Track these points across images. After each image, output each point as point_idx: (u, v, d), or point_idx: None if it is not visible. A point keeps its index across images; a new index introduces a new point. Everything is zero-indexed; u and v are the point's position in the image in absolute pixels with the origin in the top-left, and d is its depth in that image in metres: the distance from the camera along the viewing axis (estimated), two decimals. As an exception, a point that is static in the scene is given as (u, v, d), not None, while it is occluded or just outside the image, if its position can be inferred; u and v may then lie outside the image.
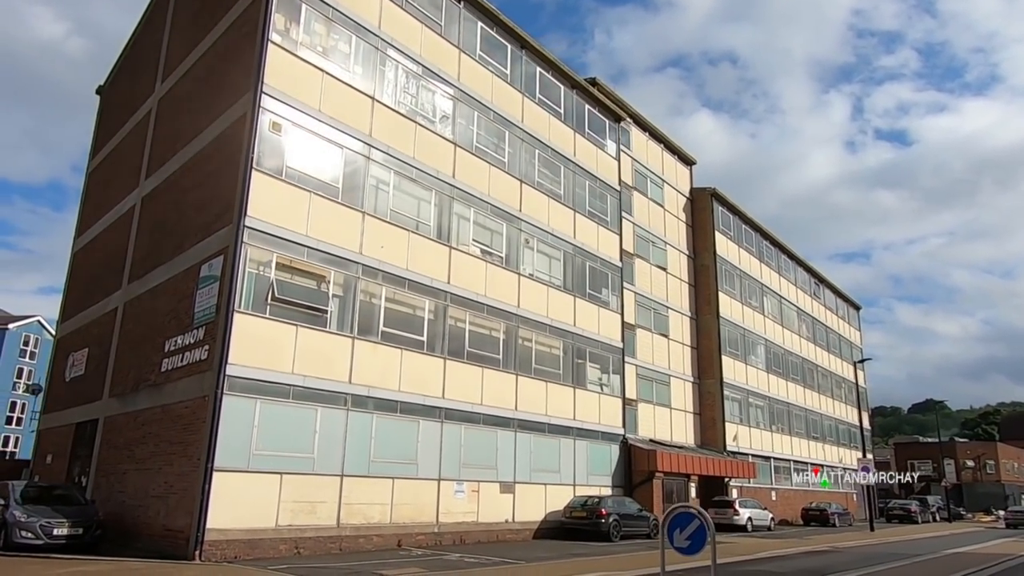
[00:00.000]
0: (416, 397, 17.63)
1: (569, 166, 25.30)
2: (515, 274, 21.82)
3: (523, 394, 21.07)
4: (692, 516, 6.73)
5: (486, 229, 21.50)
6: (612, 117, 28.47)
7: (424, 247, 18.88)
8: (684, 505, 7.03)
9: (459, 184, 20.29)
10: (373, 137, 17.88)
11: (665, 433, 29.78)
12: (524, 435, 20.85)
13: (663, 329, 31.30)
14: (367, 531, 15.86)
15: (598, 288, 25.70)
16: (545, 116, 24.50)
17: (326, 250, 16.21)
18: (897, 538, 26.45)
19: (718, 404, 32.50)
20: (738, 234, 37.68)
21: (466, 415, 19.02)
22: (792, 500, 36.65)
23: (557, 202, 24.32)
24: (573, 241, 24.68)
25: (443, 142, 20.11)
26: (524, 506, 20.34)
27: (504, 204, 21.86)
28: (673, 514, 6.89)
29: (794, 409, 40.15)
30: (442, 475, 18.00)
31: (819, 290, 48.44)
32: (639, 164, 32.11)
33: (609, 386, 25.31)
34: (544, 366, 22.33)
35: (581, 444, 23.13)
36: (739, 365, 34.76)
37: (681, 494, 25.85)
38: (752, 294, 37.99)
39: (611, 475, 24.22)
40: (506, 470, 19.98)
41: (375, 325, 17.14)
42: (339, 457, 15.61)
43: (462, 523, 18.28)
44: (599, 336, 24.94)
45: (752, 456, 34.17)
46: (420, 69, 19.81)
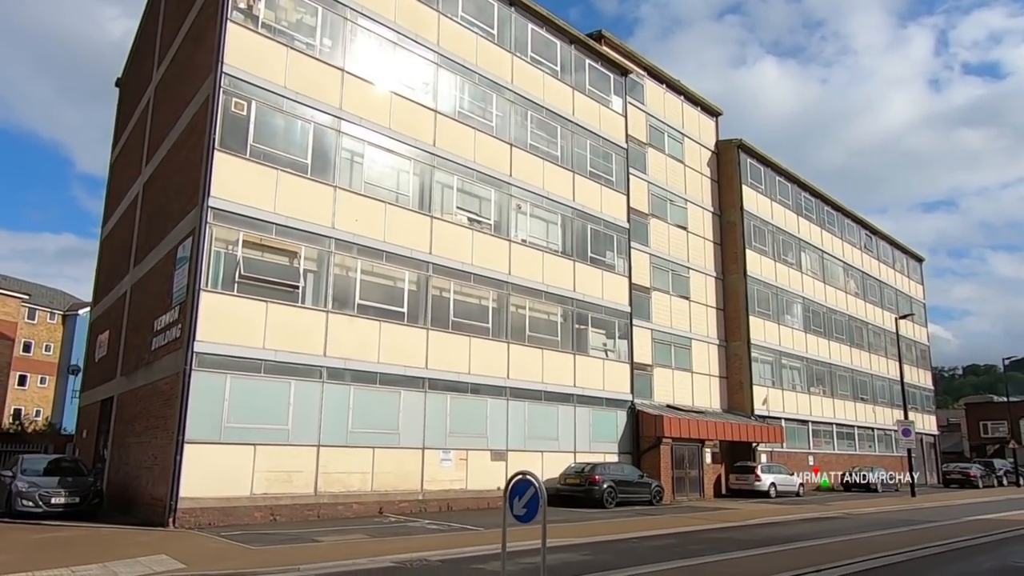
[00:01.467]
0: (397, 368, 17.81)
1: (567, 126, 24.51)
2: (506, 241, 21.50)
3: (516, 362, 20.93)
4: (528, 484, 6.49)
5: (473, 196, 21.22)
6: (618, 71, 27.27)
7: (404, 218, 18.83)
8: (524, 472, 6.78)
9: (441, 152, 20.03)
10: (344, 110, 17.82)
11: (685, 398, 29.03)
12: (517, 403, 20.78)
13: (683, 291, 30.25)
14: (347, 499, 16.32)
15: (602, 251, 25.02)
16: (539, 75, 23.72)
17: (296, 226, 16.42)
18: (931, 504, 25.00)
19: (745, 367, 31.32)
20: (770, 187, 35.69)
21: (452, 384, 19.10)
22: (834, 465, 35.18)
23: (554, 164, 23.67)
24: (572, 204, 24.03)
25: (422, 110, 19.83)
26: (519, 473, 20.34)
27: (492, 170, 21.46)
28: (513, 482, 6.67)
29: (837, 370, 38.23)
30: (426, 444, 18.23)
31: (872, 242, 45.50)
32: (655, 119, 30.72)
33: (615, 351, 24.78)
34: (540, 333, 22.06)
35: (583, 411, 22.87)
36: (771, 326, 33.28)
37: (694, 460, 25.23)
38: (787, 250, 36.07)
39: (617, 442, 23.88)
40: (497, 438, 20.03)
41: (351, 298, 17.33)
42: (315, 428, 16.03)
43: (449, 491, 18.52)
44: (603, 301, 24.36)
45: (786, 420, 32.91)
46: (395, 36, 19.49)
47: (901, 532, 15.27)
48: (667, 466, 23.56)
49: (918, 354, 48.57)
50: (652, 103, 30.76)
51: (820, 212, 39.99)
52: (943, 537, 14.14)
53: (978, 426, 56.76)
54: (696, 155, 32.98)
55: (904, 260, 49.94)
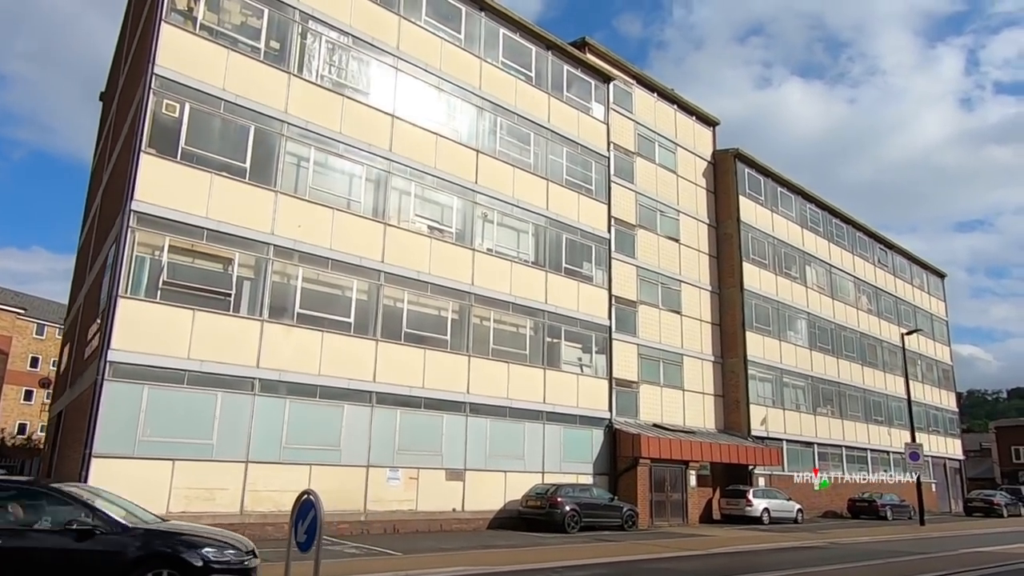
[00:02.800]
0: (340, 381, 16.93)
1: (542, 133, 23.64)
2: (469, 250, 20.59)
3: (478, 376, 19.88)
4: (311, 506, 5.49)
5: (435, 204, 20.41)
6: (600, 78, 26.39)
7: (355, 225, 18.09)
8: (309, 491, 5.77)
9: (398, 158, 19.30)
10: (289, 113, 17.24)
11: (675, 417, 27.53)
12: (478, 419, 19.68)
13: (674, 305, 28.89)
14: (277, 518, 15.34)
15: (578, 262, 23.93)
16: (510, 81, 22.96)
17: (230, 232, 15.76)
18: (937, 534, 22.97)
19: (742, 385, 29.68)
20: (771, 198, 34.21)
21: (403, 399, 18.12)
22: (842, 490, 33.09)
23: (526, 172, 22.78)
24: (546, 213, 23.05)
25: (378, 115, 19.18)
26: (477, 494, 19.22)
27: (456, 177, 20.65)
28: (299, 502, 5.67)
29: (847, 390, 36.18)
30: (372, 461, 17.23)
31: (887, 257, 43.41)
32: (645, 128, 29.68)
33: (592, 366, 23.54)
34: (506, 346, 20.99)
35: (553, 429, 21.63)
36: (771, 342, 31.60)
37: (677, 483, 23.68)
38: (790, 263, 34.44)
39: (592, 462, 22.54)
40: (454, 456, 18.93)
41: (290, 307, 16.56)
42: (243, 443, 15.19)
43: (396, 512, 17.45)
44: (579, 313, 23.21)
45: (788, 442, 31.06)
46: (350, 40, 18.95)
47: (876, 565, 13.68)
48: (645, 489, 22.09)
49: (940, 374, 45.97)
50: (641, 112, 29.76)
51: (828, 225, 38.25)
52: (917, 571, 12.56)
53: (1009, 451, 53.40)
54: (690, 165, 31.77)
55: (924, 276, 47.58)
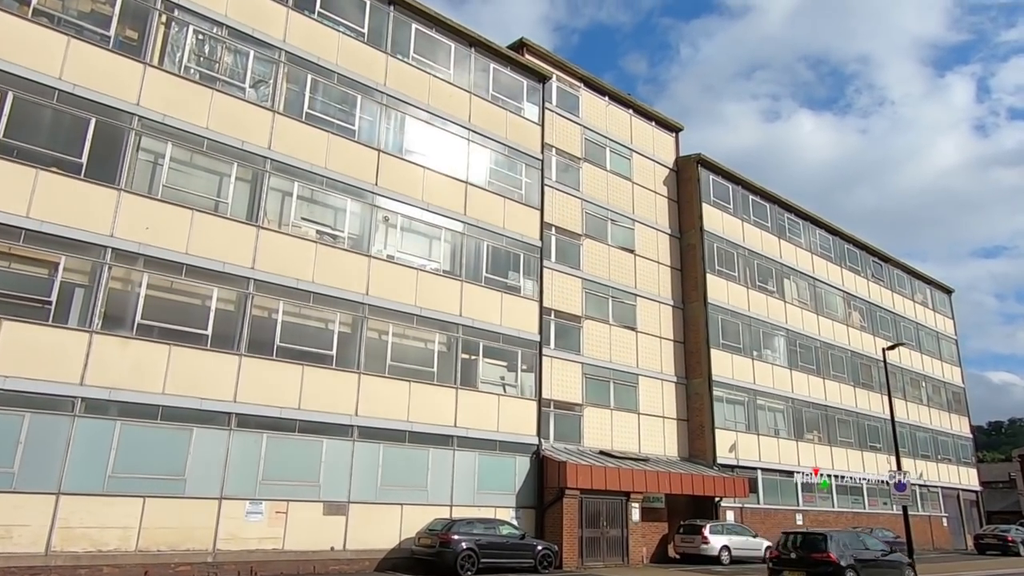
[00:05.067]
0: (188, 400, 14.97)
1: (460, 133, 21.88)
2: (365, 257, 18.70)
3: (370, 396, 17.76)
4: None
5: (325, 207, 18.65)
6: (534, 77, 24.68)
7: (220, 228, 16.35)
8: None
9: (278, 156, 17.64)
10: (141, 106, 15.72)
11: (629, 443, 24.89)
12: (368, 445, 17.48)
13: (628, 320, 26.50)
14: (95, 560, 13.28)
15: (503, 272, 21.85)
16: (423, 78, 21.34)
17: (56, 233, 14.10)
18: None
19: (707, 407, 26.94)
20: (741, 207, 31.84)
21: (271, 421, 16.06)
22: (830, 524, 29.71)
23: (439, 174, 20.96)
24: (463, 218, 21.13)
25: (255, 110, 17.61)
26: (363, 531, 16.90)
27: (352, 178, 18.91)
28: None
29: (836, 413, 33.00)
30: (226, 493, 15.11)
31: (882, 270, 40.38)
32: (593, 132, 27.81)
33: (517, 386, 21.23)
34: (409, 363, 18.88)
35: (466, 456, 19.29)
36: (741, 361, 28.86)
37: (616, 518, 20.94)
38: (765, 276, 31.82)
39: (515, 494, 20.05)
40: (335, 487, 16.70)
41: (130, 317, 14.76)
42: (56, 471, 13.23)
43: (256, 551, 15.22)
44: (501, 327, 21.03)
45: (763, 471, 28.05)
46: (225, 31, 17.54)
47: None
48: (572, 524, 19.46)
49: (950, 397, 42.26)
50: (590, 116, 27.92)
51: (810, 235, 35.60)
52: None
53: (1037, 482, 48.87)
54: (648, 172, 29.69)
55: (927, 291, 44.26)
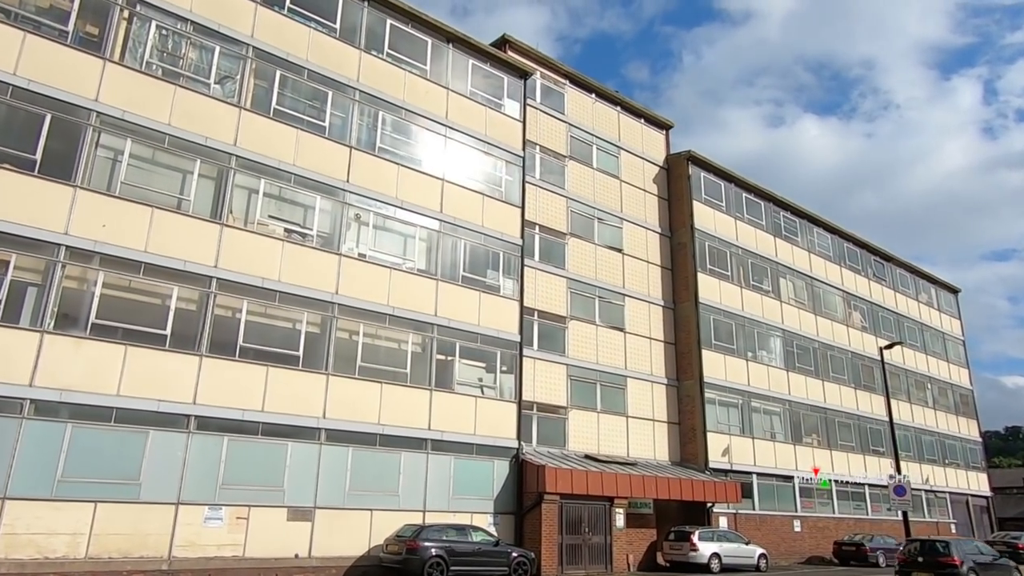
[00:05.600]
0: (145, 402, 14.52)
1: (436, 129, 21.45)
2: (335, 255, 18.25)
3: (339, 398, 17.26)
4: None
5: (294, 205, 18.25)
6: (515, 73, 24.25)
7: (182, 226, 15.96)
8: None
9: (244, 153, 17.27)
10: (100, 102, 15.40)
11: (617, 447, 24.21)
12: (336, 448, 16.97)
13: (616, 321, 25.87)
14: (41, 568, 12.82)
15: (481, 271, 21.34)
16: (398, 74, 20.95)
17: (6, 231, 13.75)
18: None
19: (698, 410, 26.21)
20: (735, 205, 31.17)
21: (233, 424, 15.58)
22: (830, 531, 28.84)
23: (414, 171, 20.53)
24: (440, 216, 20.66)
25: (221, 106, 17.25)
26: (330, 537, 16.35)
27: (322, 175, 18.50)
28: None
29: (837, 416, 32.11)
30: (184, 498, 14.63)
31: (884, 269, 39.47)
32: (580, 130, 27.31)
33: (495, 388, 20.66)
34: (381, 364, 18.39)
35: (441, 460, 18.72)
36: (735, 362, 28.13)
37: (599, 524, 20.24)
38: (760, 275, 31.09)
39: (493, 499, 19.44)
40: (301, 491, 16.18)
41: (84, 317, 14.36)
42: (1, 475, 12.81)
43: (215, 558, 14.71)
44: (479, 327, 20.49)
45: (759, 476, 27.25)
46: (190, 27, 17.22)
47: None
48: (552, 530, 18.80)
49: (957, 399, 41.16)
50: (576, 113, 27.45)
51: (808, 234, 34.83)
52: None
53: (1051, 488, 47.45)
54: (638, 170, 29.14)
55: (932, 291, 43.25)
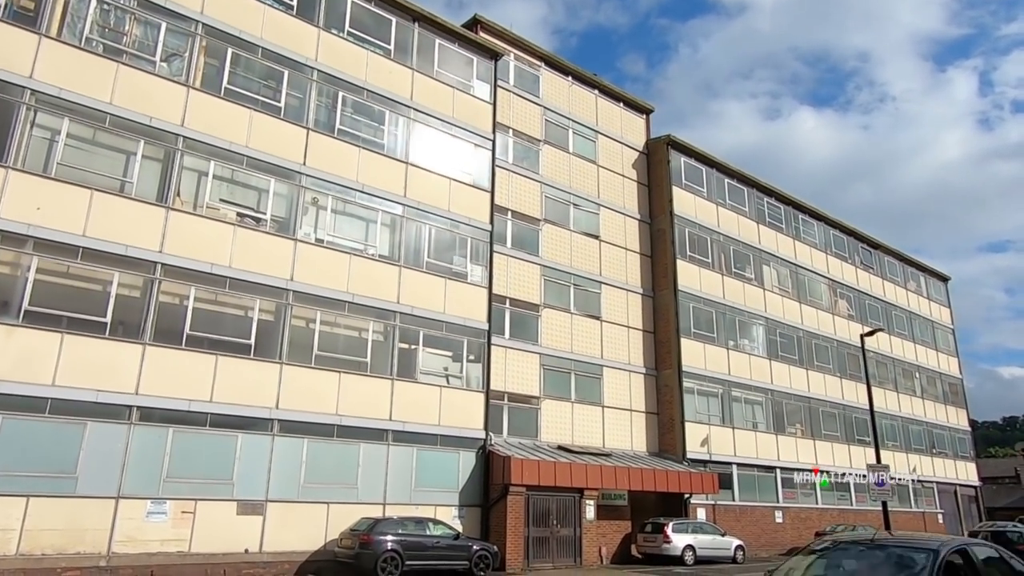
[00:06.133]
0: (83, 393, 13.91)
1: (401, 111, 20.78)
2: (291, 240, 17.61)
3: (294, 388, 16.65)
4: None
5: (247, 188, 17.59)
6: (484, 54, 23.54)
7: (125, 209, 15.31)
8: None
9: (192, 134, 16.59)
10: (35, 79, 14.71)
11: (591, 438, 23.65)
12: (290, 439, 16.37)
13: (592, 309, 25.27)
14: (-35, 566, 12.25)
15: (447, 257, 20.71)
16: (360, 53, 20.26)
17: (-69, 213, 13.14)
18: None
19: (676, 400, 25.65)
20: (716, 190, 30.54)
21: (179, 415, 14.97)
22: (813, 522, 28.35)
23: (377, 154, 19.87)
24: (403, 200, 20.02)
25: (167, 85, 16.57)
26: (284, 532, 15.78)
27: (277, 157, 17.83)
28: None
29: (821, 406, 31.58)
30: (125, 491, 14.04)
31: (871, 257, 38.89)
32: (555, 114, 26.64)
33: (462, 377, 20.07)
34: (339, 353, 17.78)
35: (402, 451, 18.14)
36: (715, 351, 27.55)
37: (568, 516, 19.69)
38: (742, 263, 30.48)
39: (458, 491, 18.88)
40: (251, 484, 15.59)
41: (16, 304, 13.72)
42: (-78, 469, 12.23)
43: (158, 554, 14.13)
44: (445, 315, 19.88)
45: (740, 466, 26.72)
46: (133, 2, 16.52)
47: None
48: (518, 523, 18.25)
49: (946, 388, 40.67)
50: (551, 97, 26.77)
51: (792, 221, 34.21)
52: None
53: (1042, 477, 47.07)
54: (616, 155, 28.48)
55: (921, 279, 42.70)
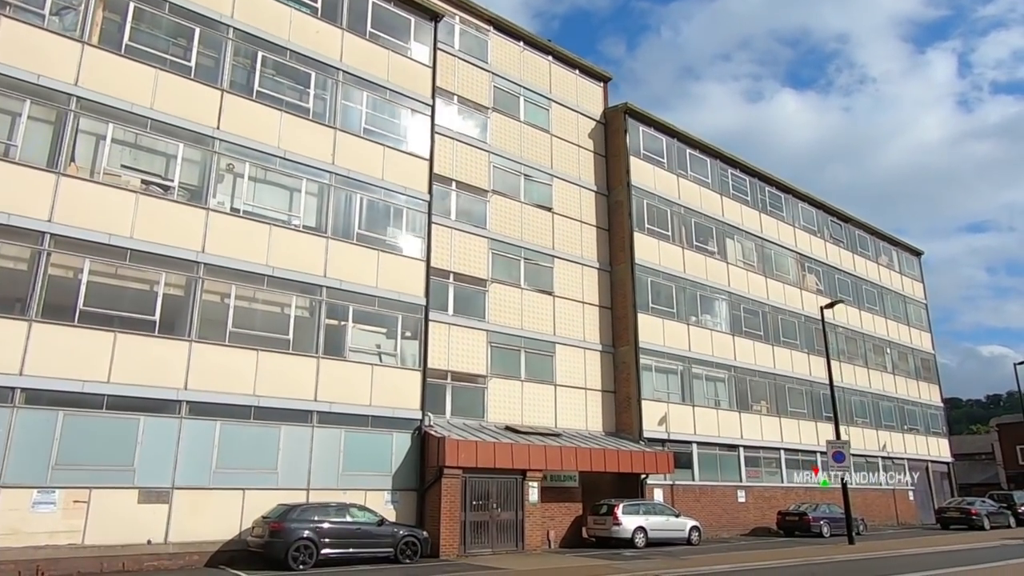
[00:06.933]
0: (-45, 373, 12.75)
1: (329, 73, 19.52)
2: (202, 209, 16.41)
3: (205, 367, 15.53)
4: None
5: (153, 153, 16.33)
6: (422, 14, 22.23)
7: (8, 175, 14.05)
8: None
9: (88, 94, 15.29)
10: (-101, 31, 13.39)
11: (543, 418, 22.74)
12: (200, 422, 15.27)
13: (543, 284, 24.26)
14: None
15: (381, 228, 19.59)
16: (282, 11, 18.95)
17: None
18: (861, 555, 17.68)
19: (633, 377, 24.77)
20: (677, 161, 29.52)
21: (71, 398, 13.83)
22: (777, 501, 27.70)
23: (301, 118, 18.63)
24: (331, 168, 18.83)
25: (59, 40, 15.23)
26: (193, 521, 14.73)
27: (185, 120, 16.57)
28: None
29: (787, 383, 30.88)
30: (6, 480, 12.92)
31: (841, 231, 38.11)
32: (505, 80, 25.45)
33: (396, 355, 19.02)
34: (257, 330, 16.66)
35: (329, 433, 17.10)
36: (674, 326, 26.67)
37: (510, 499, 18.77)
38: (704, 236, 29.55)
39: (391, 475, 17.90)
40: (155, 471, 14.50)
41: None
42: None
43: (46, 547, 13.04)
44: (377, 289, 18.79)
45: (700, 445, 25.95)
46: (19, -50, 15.13)
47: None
48: (453, 507, 17.29)
49: (918, 363, 40.15)
50: (501, 63, 25.55)
51: (759, 193, 33.28)
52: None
53: (1015, 452, 46.79)
54: (571, 124, 27.35)
55: (893, 253, 42.03)
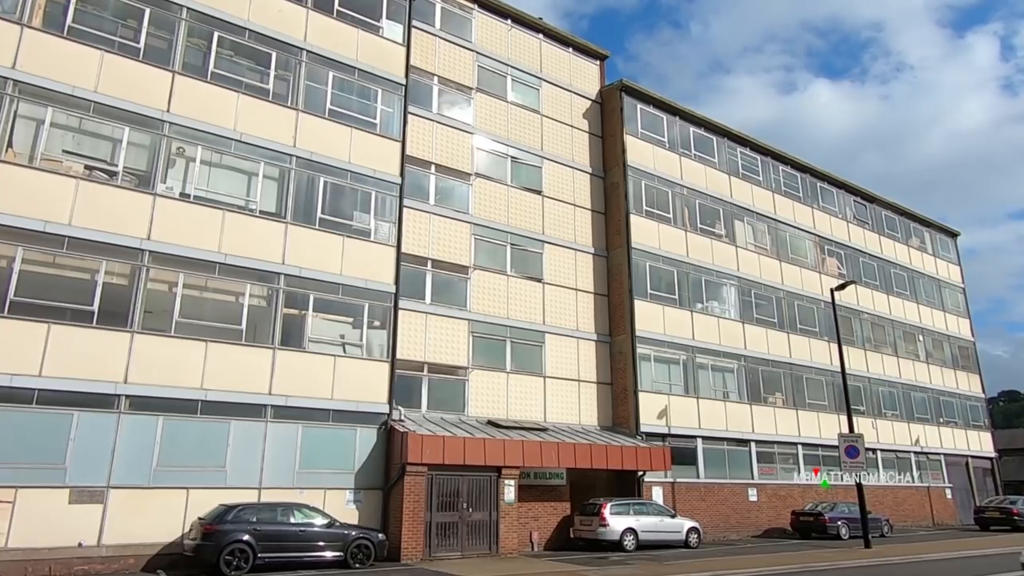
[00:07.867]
0: None
1: (294, 53, 18.63)
2: (149, 195, 15.67)
3: (148, 359, 14.76)
4: None
5: (97, 138, 15.66)
6: (396, -9, 21.23)
7: (-63, 161, 13.51)
8: None
9: (25, 78, 14.68)
10: None
11: (531, 411, 21.46)
12: (141, 417, 14.49)
13: (531, 271, 22.96)
14: None
15: (346, 213, 18.60)
16: (240, -10, 18.16)
17: None
18: (876, 561, 15.87)
19: (629, 368, 23.26)
20: (679, 140, 27.81)
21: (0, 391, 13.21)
22: (794, 500, 25.82)
23: (261, 100, 17.78)
24: (292, 151, 17.92)
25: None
26: (131, 522, 13.94)
27: (131, 103, 15.85)
28: None
29: (805, 373, 28.88)
30: (-75, 479, 12.33)
31: (866, 211, 35.67)
32: (491, 59, 24.23)
33: (361, 345, 17.99)
34: (206, 320, 15.84)
35: (285, 428, 16.16)
36: (676, 313, 25.04)
37: (483, 499, 17.51)
38: (711, 218, 27.78)
39: (354, 472, 16.87)
40: (89, 469, 13.76)
41: None
42: None
43: (-34, 549, 12.42)
44: (342, 277, 17.80)
45: (705, 440, 24.27)
46: (-47, -70, 14.61)
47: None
48: (417, 507, 16.13)
49: (955, 351, 37.36)
50: (486, 41, 24.36)
51: (772, 172, 31.28)
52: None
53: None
54: (564, 105, 25.97)
55: (926, 234, 39.26)
